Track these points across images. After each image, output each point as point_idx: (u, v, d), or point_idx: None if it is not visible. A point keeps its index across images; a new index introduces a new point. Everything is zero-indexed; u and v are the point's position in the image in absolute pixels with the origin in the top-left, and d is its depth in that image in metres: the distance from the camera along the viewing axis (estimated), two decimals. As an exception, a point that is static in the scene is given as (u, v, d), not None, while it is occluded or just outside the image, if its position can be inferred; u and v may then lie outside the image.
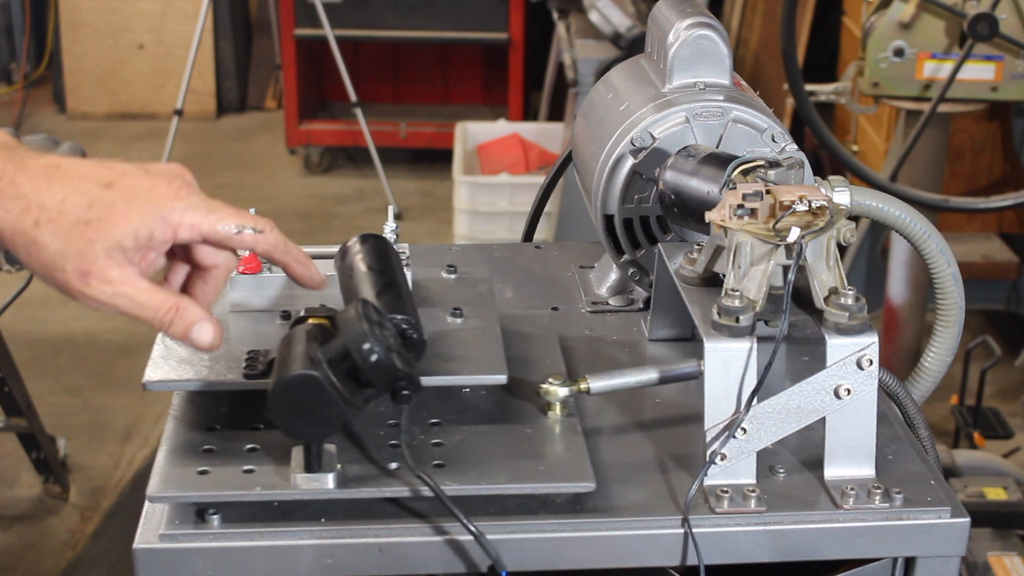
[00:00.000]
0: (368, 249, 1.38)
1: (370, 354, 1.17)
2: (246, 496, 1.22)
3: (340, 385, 1.17)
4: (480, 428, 1.32)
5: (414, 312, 1.29)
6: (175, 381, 1.31)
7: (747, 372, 1.26)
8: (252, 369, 1.31)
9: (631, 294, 1.66)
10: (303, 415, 1.18)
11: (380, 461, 1.26)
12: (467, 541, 1.23)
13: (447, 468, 1.25)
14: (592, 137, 1.64)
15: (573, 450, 1.28)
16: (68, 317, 4.77)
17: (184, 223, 1.19)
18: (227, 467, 1.25)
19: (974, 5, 2.99)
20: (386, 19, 6.04)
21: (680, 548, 1.25)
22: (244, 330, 1.42)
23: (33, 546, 3.55)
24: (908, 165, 3.09)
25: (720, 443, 1.26)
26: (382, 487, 1.23)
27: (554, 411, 1.33)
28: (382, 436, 1.30)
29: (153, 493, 1.22)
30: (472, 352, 1.37)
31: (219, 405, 1.34)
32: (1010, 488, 3.13)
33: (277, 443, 1.27)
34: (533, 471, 1.25)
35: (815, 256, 1.29)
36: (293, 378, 1.17)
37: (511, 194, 4.95)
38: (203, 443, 1.29)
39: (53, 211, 1.16)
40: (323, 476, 1.22)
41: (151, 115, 6.81)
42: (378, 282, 1.32)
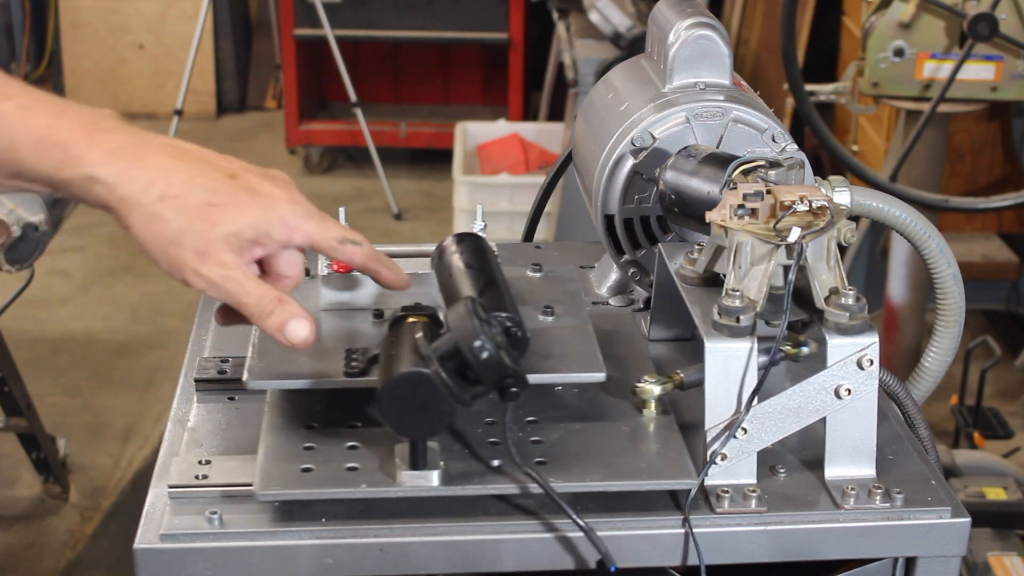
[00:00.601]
0: (466, 248, 1.38)
1: (481, 351, 1.18)
2: (353, 494, 1.23)
3: (450, 382, 1.18)
4: (577, 426, 1.32)
5: (516, 310, 1.29)
6: (280, 378, 1.31)
7: (748, 372, 1.26)
8: (353, 367, 1.31)
9: (631, 294, 1.66)
10: (413, 412, 1.18)
11: (483, 458, 1.26)
12: (467, 541, 1.23)
13: (549, 465, 1.25)
14: (592, 137, 1.64)
15: (672, 447, 1.29)
16: (68, 317, 4.77)
17: (300, 228, 1.24)
18: (330, 464, 1.25)
19: (974, 5, 2.99)
20: (386, 19, 6.04)
21: (680, 548, 1.25)
22: (338, 328, 1.42)
23: (33, 546, 3.55)
24: (908, 165, 3.09)
25: (721, 443, 1.26)
26: (487, 484, 1.24)
27: (649, 408, 1.34)
28: (480, 434, 1.30)
29: (260, 491, 1.21)
30: (568, 350, 1.37)
31: (314, 404, 1.34)
32: (1010, 488, 3.12)
33: (377, 440, 1.27)
34: (634, 468, 1.26)
35: (815, 256, 1.29)
36: (404, 375, 1.17)
37: (511, 194, 4.95)
38: (303, 441, 1.28)
39: (180, 188, 1.19)
40: (428, 473, 1.23)
41: (151, 115, 6.80)
42: (479, 280, 1.32)
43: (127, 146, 1.20)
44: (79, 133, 1.19)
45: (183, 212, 1.19)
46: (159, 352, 4.51)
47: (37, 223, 2.94)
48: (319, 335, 1.27)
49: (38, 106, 1.21)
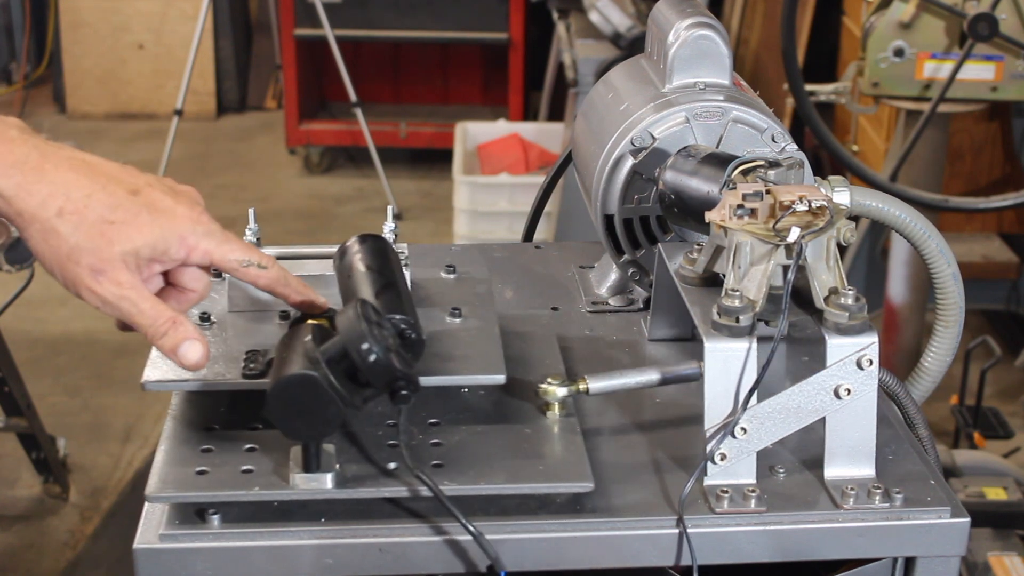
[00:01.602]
0: (367, 249, 1.38)
1: (369, 354, 1.17)
2: (245, 496, 1.22)
3: (339, 385, 1.17)
4: (479, 428, 1.32)
5: (413, 312, 1.29)
6: (174, 381, 1.31)
7: (747, 372, 1.26)
8: (251, 369, 1.31)
9: (631, 294, 1.66)
10: (301, 415, 1.18)
11: (379, 461, 1.26)
12: (466, 541, 1.23)
13: (446, 468, 1.25)
14: (592, 137, 1.64)
15: (572, 450, 1.28)
16: (68, 317, 4.77)
17: (199, 248, 1.24)
18: (226, 467, 1.25)
19: (974, 5, 2.99)
20: (386, 19, 6.04)
21: (678, 548, 1.25)
22: (242, 329, 1.42)
23: (33, 546, 3.55)
24: (908, 165, 3.09)
25: (720, 443, 1.26)
26: (381, 487, 1.23)
27: (553, 411, 1.33)
28: (380, 436, 1.30)
29: (152, 493, 1.22)
30: (471, 352, 1.37)
31: (218, 405, 1.34)
32: (1010, 488, 3.12)
33: (276, 443, 1.27)
34: (532, 471, 1.25)
35: (815, 256, 1.29)
36: (291, 378, 1.17)
37: (511, 194, 4.95)
38: (202, 443, 1.29)
39: (79, 204, 1.18)
40: (322, 476, 1.22)
41: (151, 115, 6.81)
42: (377, 282, 1.32)
43: (28, 159, 1.19)
44: None
45: (80, 228, 1.18)
46: (159, 352, 4.50)
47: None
48: (224, 336, 1.27)
49: None
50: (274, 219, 5.51)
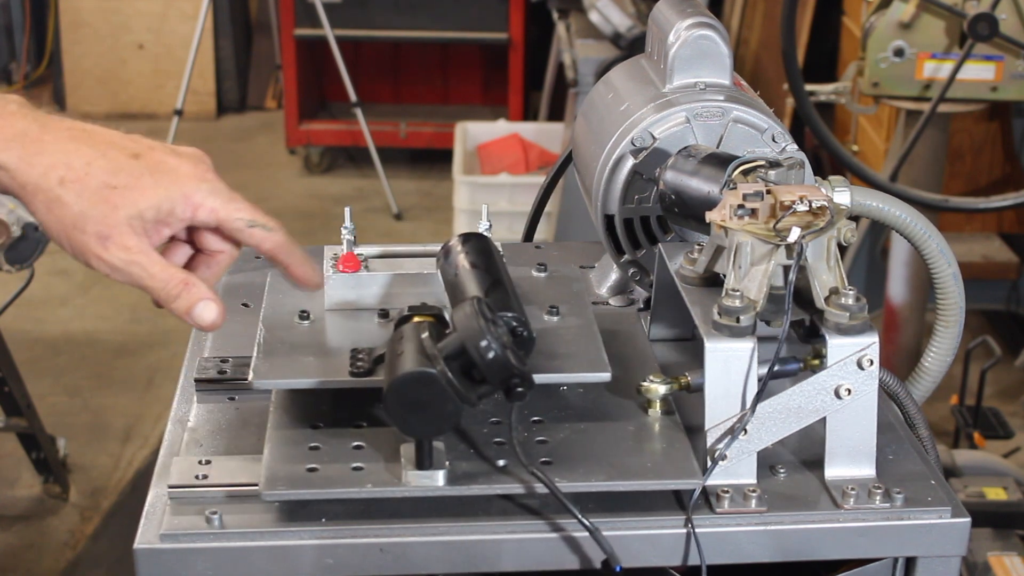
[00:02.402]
0: (471, 247, 1.38)
1: (487, 351, 1.18)
2: (358, 493, 1.22)
3: (456, 382, 1.18)
4: (582, 425, 1.32)
5: (522, 310, 1.30)
6: (286, 379, 1.31)
7: (748, 372, 1.26)
8: (358, 367, 1.31)
9: (631, 294, 1.66)
10: (419, 412, 1.18)
11: (488, 458, 1.26)
12: (467, 541, 1.23)
13: (554, 465, 1.25)
14: (592, 137, 1.64)
15: (677, 447, 1.29)
16: (68, 317, 4.77)
17: (205, 205, 1.21)
18: (335, 464, 1.25)
19: (974, 5, 2.99)
20: (386, 19, 6.04)
21: (681, 548, 1.25)
22: (343, 328, 1.42)
23: (33, 546, 3.55)
24: (908, 165, 3.09)
25: (722, 444, 1.26)
26: (493, 484, 1.24)
27: (654, 408, 1.34)
28: (486, 434, 1.30)
29: (265, 491, 1.21)
30: (574, 350, 1.37)
31: (319, 404, 1.34)
32: (1010, 488, 3.12)
33: (382, 441, 1.27)
34: (640, 468, 1.26)
35: (815, 256, 1.29)
36: (410, 375, 1.17)
37: (511, 194, 4.95)
38: (308, 441, 1.28)
39: (80, 171, 1.18)
40: (434, 473, 1.23)
41: (151, 115, 6.80)
42: (485, 280, 1.32)
43: (28, 131, 1.19)
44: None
45: (83, 196, 1.18)
46: (159, 352, 4.51)
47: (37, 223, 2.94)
48: (325, 336, 1.25)
49: None
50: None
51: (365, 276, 1.46)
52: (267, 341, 1.36)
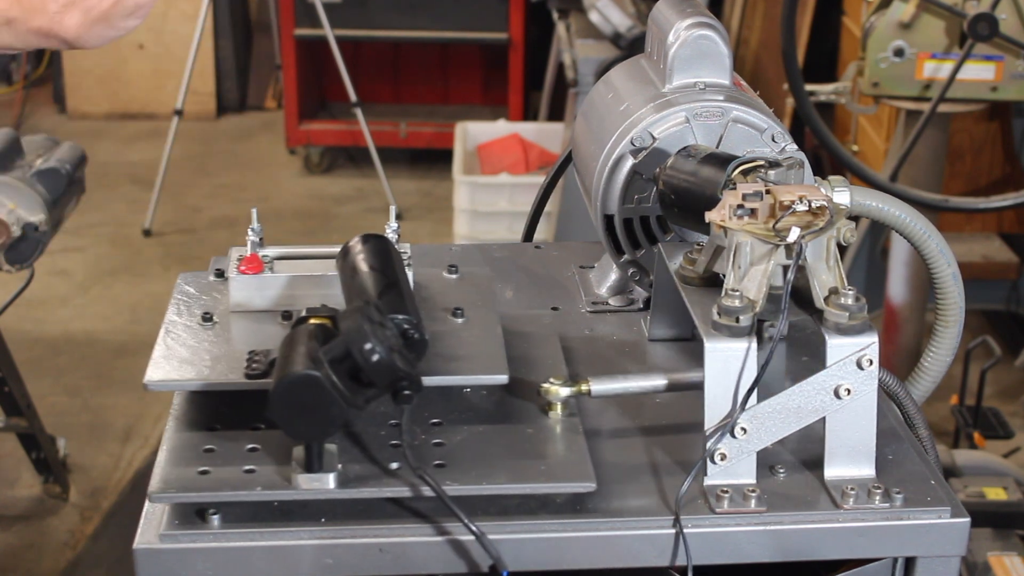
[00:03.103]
0: (370, 249, 1.38)
1: (371, 354, 1.17)
2: (247, 496, 1.22)
3: (341, 385, 1.17)
4: (481, 428, 1.32)
5: (416, 312, 1.29)
6: (176, 381, 1.31)
7: (747, 372, 1.26)
8: (253, 369, 1.31)
9: (631, 294, 1.66)
10: (304, 415, 1.18)
11: (381, 461, 1.26)
12: (467, 541, 1.23)
13: (449, 468, 1.25)
14: (592, 137, 1.64)
15: (574, 450, 1.28)
16: (68, 317, 4.77)
17: None
18: (228, 467, 1.25)
19: (974, 5, 2.99)
20: (386, 19, 6.04)
21: (681, 548, 1.25)
22: (245, 330, 1.42)
23: (33, 546, 3.55)
24: (908, 165, 3.09)
25: (719, 442, 1.26)
26: (383, 487, 1.23)
27: (555, 411, 1.34)
28: (383, 436, 1.30)
29: (154, 492, 1.22)
30: (473, 352, 1.37)
31: (219, 405, 1.34)
32: (1010, 488, 3.12)
33: (278, 443, 1.27)
34: (534, 471, 1.25)
35: (815, 256, 1.29)
36: (294, 378, 1.17)
37: (511, 194, 4.95)
38: (204, 443, 1.29)
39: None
40: (324, 476, 1.22)
41: (151, 115, 6.80)
42: (380, 282, 1.32)
43: None
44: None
45: None
46: (159, 352, 4.50)
47: (37, 223, 2.94)
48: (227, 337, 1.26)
49: None
50: (274, 219, 5.51)
51: (268, 277, 1.45)
52: (166, 343, 1.37)
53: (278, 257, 1.49)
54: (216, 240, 5.40)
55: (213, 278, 1.52)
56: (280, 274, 1.45)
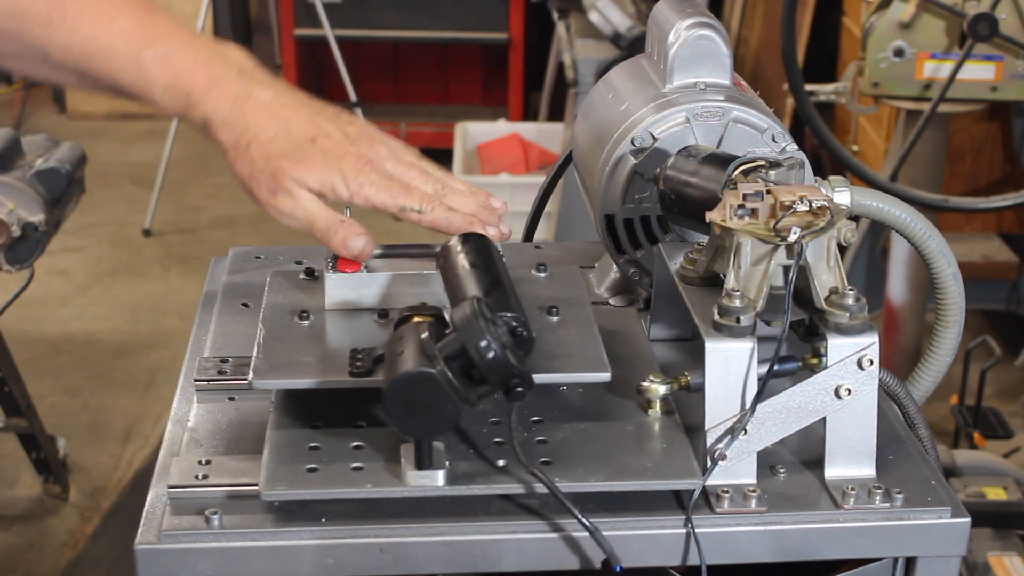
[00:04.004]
0: (471, 248, 1.38)
1: (487, 351, 1.18)
2: (358, 494, 1.22)
3: (456, 382, 1.18)
4: (583, 426, 1.32)
5: (521, 310, 1.29)
6: (285, 380, 1.31)
7: (748, 372, 1.26)
8: (358, 367, 1.31)
9: (631, 294, 1.66)
10: (418, 412, 1.18)
11: (488, 458, 1.26)
12: (468, 541, 1.23)
13: (554, 465, 1.25)
14: (592, 137, 1.64)
15: (677, 447, 1.29)
16: (68, 317, 4.77)
17: (361, 192, 1.45)
18: (335, 464, 1.25)
19: (974, 5, 2.99)
20: (386, 19, 6.04)
21: (681, 548, 1.25)
22: (343, 328, 1.42)
23: (33, 546, 3.55)
24: (908, 165, 3.09)
25: (721, 444, 1.26)
26: (493, 484, 1.24)
27: (654, 408, 1.34)
28: (485, 434, 1.30)
29: (265, 491, 1.22)
30: (573, 350, 1.37)
31: (319, 404, 1.34)
32: (1010, 488, 3.12)
33: (383, 441, 1.27)
34: (640, 467, 1.26)
35: (815, 256, 1.29)
36: (409, 375, 1.17)
37: (511, 194, 4.94)
38: (308, 441, 1.28)
39: (264, 141, 1.43)
40: (434, 473, 1.23)
41: (151, 115, 6.79)
42: (484, 280, 1.32)
43: (237, 99, 1.45)
44: (202, 84, 1.45)
45: (262, 158, 1.43)
46: (159, 352, 4.51)
47: (37, 223, 2.94)
48: (324, 336, 1.28)
49: (174, 56, 1.46)
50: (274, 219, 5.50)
51: (364, 276, 1.46)
52: (266, 341, 1.36)
53: (376, 255, 1.50)
54: (216, 240, 5.40)
55: (303, 277, 1.52)
56: (376, 273, 1.46)
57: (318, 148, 1.44)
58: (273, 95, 1.47)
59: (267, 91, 1.47)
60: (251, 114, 1.45)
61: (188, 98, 1.45)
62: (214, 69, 1.46)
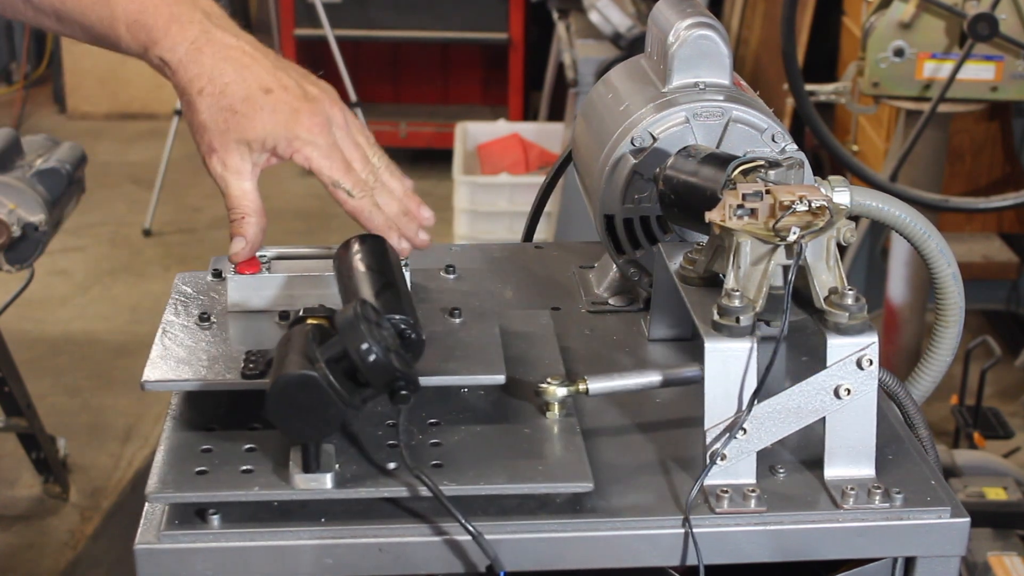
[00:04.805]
0: (367, 249, 1.38)
1: (368, 354, 1.17)
2: (245, 496, 1.22)
3: (338, 385, 1.17)
4: (478, 428, 1.32)
5: (413, 312, 1.29)
6: (174, 381, 1.31)
7: (747, 372, 1.26)
8: (250, 369, 1.31)
9: (631, 294, 1.66)
10: (301, 415, 1.18)
11: (378, 461, 1.26)
12: (466, 541, 1.23)
13: (446, 468, 1.25)
14: (592, 137, 1.64)
15: (571, 450, 1.28)
16: (68, 317, 4.77)
17: (302, 152, 1.41)
18: (226, 467, 1.25)
19: (974, 5, 2.99)
20: (386, 19, 6.04)
21: (680, 548, 1.25)
22: (242, 330, 1.42)
23: (33, 546, 3.55)
24: (908, 165, 3.09)
25: (720, 443, 1.26)
26: (380, 487, 1.23)
27: (552, 411, 1.33)
28: (380, 436, 1.29)
29: (152, 493, 1.22)
30: (470, 352, 1.37)
31: (217, 405, 1.34)
32: (1010, 488, 3.12)
33: (275, 443, 1.27)
34: (532, 471, 1.25)
35: (815, 256, 1.29)
36: (291, 378, 1.17)
37: (511, 194, 4.95)
38: (201, 443, 1.29)
39: (216, 89, 1.39)
40: (321, 476, 1.22)
41: (151, 115, 6.80)
42: (377, 282, 1.32)
43: (196, 41, 1.40)
44: (163, 21, 1.40)
45: (211, 109, 1.38)
46: (159, 352, 4.50)
47: (37, 223, 2.94)
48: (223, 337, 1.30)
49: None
50: (274, 219, 5.46)
51: (265, 277, 1.45)
52: (163, 343, 1.37)
53: (275, 257, 1.50)
54: (216, 240, 5.40)
55: (211, 278, 1.52)
56: (278, 274, 1.45)
57: (270, 101, 1.39)
58: (235, 41, 1.42)
59: (230, 37, 1.42)
60: (208, 58, 1.40)
61: (148, 35, 1.40)
62: (178, 8, 1.42)
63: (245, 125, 1.38)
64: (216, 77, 1.39)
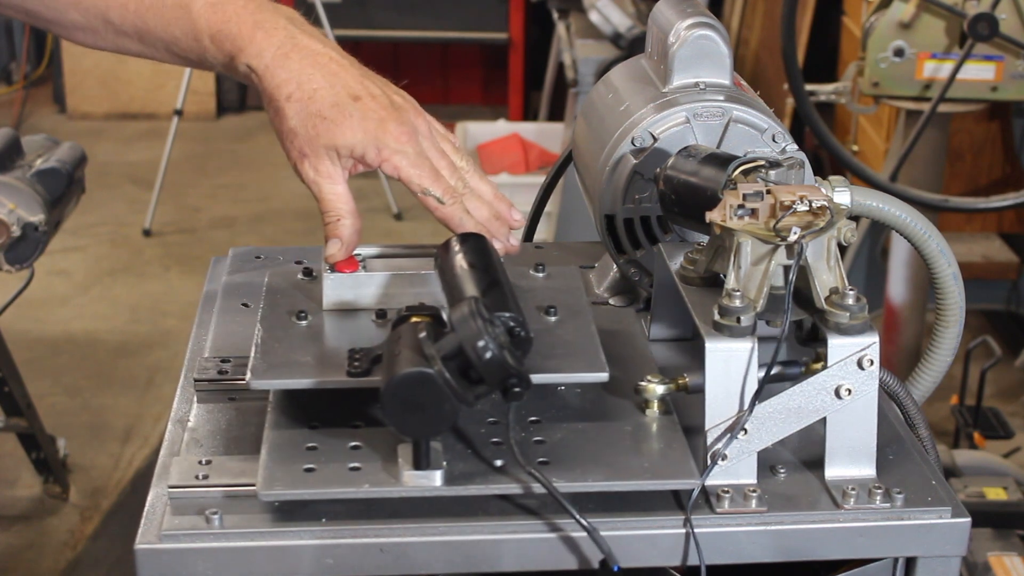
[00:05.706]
0: (469, 248, 1.38)
1: (484, 351, 1.18)
2: (355, 494, 1.22)
3: (453, 382, 1.18)
4: (580, 425, 1.32)
5: (519, 310, 1.29)
6: (283, 380, 1.31)
7: (748, 372, 1.26)
8: (355, 367, 1.31)
9: (631, 294, 1.66)
10: (416, 412, 1.18)
11: (486, 458, 1.26)
12: (466, 541, 1.23)
13: (552, 465, 1.25)
14: (592, 137, 1.64)
15: (675, 447, 1.29)
16: (68, 317, 4.77)
17: (391, 161, 1.41)
18: (332, 464, 1.25)
19: (974, 5, 2.99)
20: (386, 19, 6.04)
21: (681, 548, 1.25)
22: (340, 329, 1.42)
23: (33, 546, 3.55)
24: (908, 165, 3.09)
25: (721, 444, 1.26)
26: (490, 484, 1.24)
27: (652, 408, 1.34)
28: (483, 434, 1.30)
29: (263, 491, 1.21)
30: (571, 350, 1.37)
31: (317, 404, 1.34)
32: (1010, 488, 3.12)
33: (379, 441, 1.27)
34: (638, 468, 1.26)
35: (815, 256, 1.29)
36: (407, 375, 1.17)
37: (511, 194, 4.93)
38: (306, 441, 1.28)
39: (305, 95, 1.40)
40: (431, 473, 1.23)
41: (151, 115, 6.80)
42: (483, 280, 1.32)
43: (281, 47, 1.42)
44: (247, 29, 1.42)
45: (299, 115, 1.40)
46: (159, 352, 4.51)
47: (37, 223, 2.94)
48: (323, 336, 1.28)
49: (222, 3, 1.43)
50: (274, 219, 5.51)
51: (363, 276, 1.46)
52: (264, 341, 1.36)
53: (373, 256, 1.50)
54: (216, 240, 5.40)
55: (301, 277, 1.52)
56: (374, 273, 1.46)
57: (359, 108, 1.40)
58: (322, 48, 1.43)
59: (316, 43, 1.43)
60: (296, 63, 1.41)
61: (233, 43, 1.42)
62: (262, 15, 1.43)
63: (335, 131, 1.39)
64: (304, 82, 1.40)
